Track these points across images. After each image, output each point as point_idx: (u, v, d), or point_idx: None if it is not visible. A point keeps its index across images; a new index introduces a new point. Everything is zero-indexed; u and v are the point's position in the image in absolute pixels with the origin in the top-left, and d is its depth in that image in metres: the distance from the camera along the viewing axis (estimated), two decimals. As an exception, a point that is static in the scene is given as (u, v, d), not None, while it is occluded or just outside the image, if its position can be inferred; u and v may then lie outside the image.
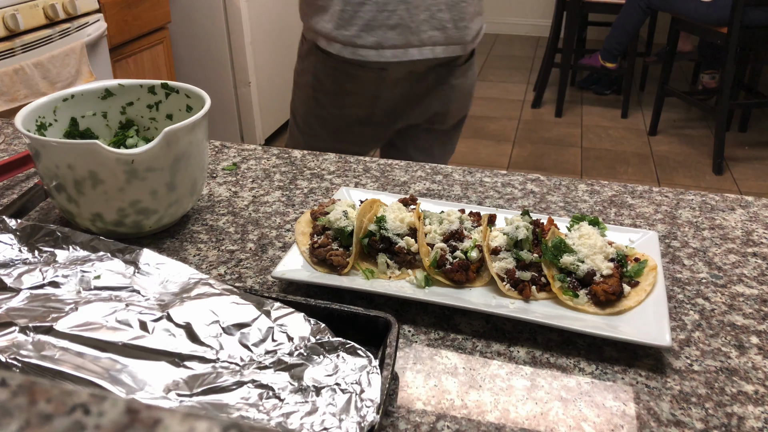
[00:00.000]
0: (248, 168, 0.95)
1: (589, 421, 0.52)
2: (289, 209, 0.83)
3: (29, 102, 0.82)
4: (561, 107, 3.81)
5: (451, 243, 0.68)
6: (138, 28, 2.57)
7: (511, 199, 0.86)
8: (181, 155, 0.72)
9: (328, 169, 0.94)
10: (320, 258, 0.68)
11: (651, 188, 0.89)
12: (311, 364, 0.50)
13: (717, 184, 3.07)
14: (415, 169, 0.95)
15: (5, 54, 1.92)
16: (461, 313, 0.64)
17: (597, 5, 3.72)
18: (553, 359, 0.58)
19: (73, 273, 0.60)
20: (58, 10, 2.10)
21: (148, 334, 0.53)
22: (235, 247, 0.75)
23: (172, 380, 0.49)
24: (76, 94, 0.82)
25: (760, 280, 0.70)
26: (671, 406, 0.53)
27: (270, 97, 3.37)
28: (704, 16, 3.05)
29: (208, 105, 0.76)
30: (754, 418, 0.52)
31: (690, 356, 0.59)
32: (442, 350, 0.59)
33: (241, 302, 0.55)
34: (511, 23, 5.58)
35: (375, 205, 0.72)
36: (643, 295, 0.63)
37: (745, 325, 0.63)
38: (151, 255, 0.62)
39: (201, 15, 3.02)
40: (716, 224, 0.81)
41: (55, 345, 0.51)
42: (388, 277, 0.67)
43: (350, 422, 0.46)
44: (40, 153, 0.70)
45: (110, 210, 0.71)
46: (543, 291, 0.65)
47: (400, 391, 0.55)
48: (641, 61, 4.18)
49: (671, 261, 0.73)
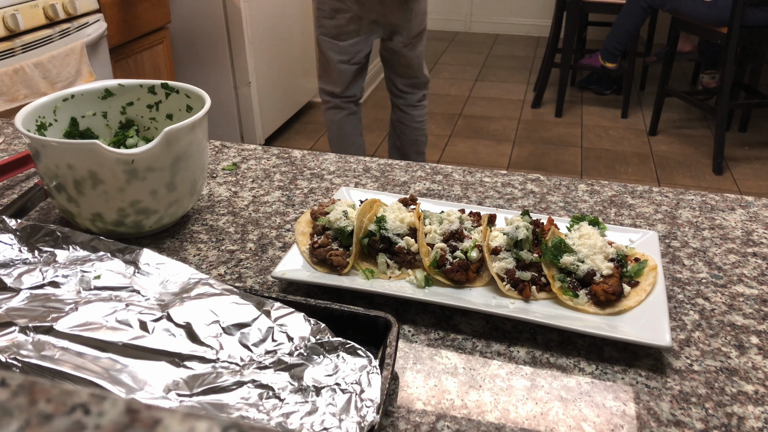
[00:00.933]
0: (248, 168, 0.95)
1: (589, 421, 0.52)
2: (289, 209, 0.83)
3: (29, 102, 0.82)
4: (561, 107, 3.81)
5: (451, 243, 0.68)
6: (138, 28, 2.57)
7: (511, 199, 0.86)
8: (181, 155, 0.72)
9: (328, 169, 0.94)
10: (320, 258, 0.68)
11: (651, 188, 0.89)
12: (311, 364, 0.50)
13: (717, 184, 3.07)
14: (415, 169, 0.95)
15: (5, 54, 1.92)
16: (461, 313, 0.64)
17: (597, 5, 3.72)
18: (553, 359, 0.58)
19: (73, 273, 0.60)
20: (58, 10, 2.10)
21: (148, 334, 0.53)
22: (235, 247, 0.75)
23: (172, 380, 0.49)
24: (76, 94, 0.82)
25: (760, 280, 0.70)
26: (671, 406, 0.53)
27: (270, 97, 3.37)
28: (704, 15, 3.05)
29: (208, 105, 0.76)
30: (754, 418, 0.52)
31: (690, 356, 0.59)
32: (442, 350, 0.59)
33: (241, 302, 0.55)
34: (511, 23, 5.58)
35: (375, 205, 0.72)
36: (643, 295, 0.63)
37: (745, 325, 0.63)
38: (151, 255, 0.62)
39: (201, 15, 3.02)
40: (716, 224, 0.81)
41: (55, 345, 0.51)
42: (388, 277, 0.67)
43: (350, 422, 0.46)
44: (40, 153, 0.70)
45: (110, 210, 0.71)
46: (543, 291, 0.65)
47: (400, 391, 0.55)
48: (641, 61, 4.18)
49: (671, 261, 0.73)
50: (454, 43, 5.34)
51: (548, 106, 3.94)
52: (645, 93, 4.18)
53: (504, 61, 4.88)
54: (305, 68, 3.77)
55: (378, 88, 4.26)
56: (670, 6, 3.27)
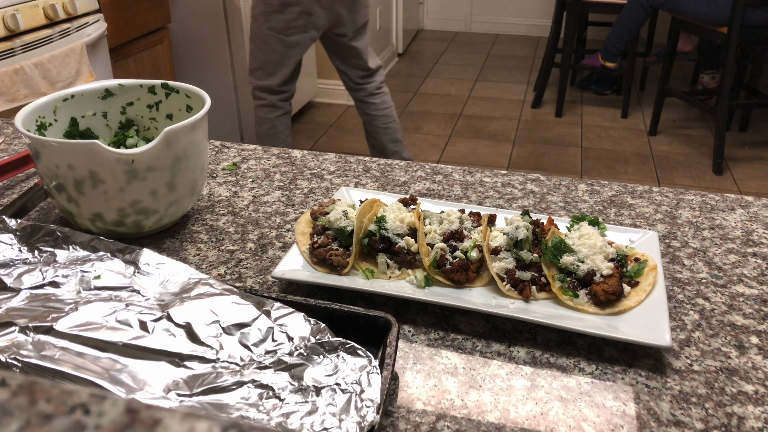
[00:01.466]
0: (248, 168, 0.95)
1: (589, 421, 0.52)
2: (289, 209, 0.83)
3: (29, 102, 0.82)
4: (561, 107, 3.81)
5: (451, 243, 0.68)
6: (138, 28, 2.57)
7: (511, 199, 0.86)
8: (181, 155, 0.72)
9: (328, 169, 0.94)
10: (320, 258, 0.68)
11: (651, 188, 0.89)
12: (311, 364, 0.50)
13: (717, 184, 3.07)
14: (415, 169, 0.95)
15: (5, 54, 1.92)
16: (461, 313, 0.64)
17: (597, 5, 3.72)
18: (553, 359, 0.58)
19: (73, 273, 0.60)
20: (58, 10, 2.10)
21: (148, 334, 0.53)
22: (235, 247, 0.75)
23: (172, 380, 0.49)
24: (76, 94, 0.82)
25: (760, 280, 0.70)
26: (671, 406, 0.53)
27: (270, 97, 3.36)
28: (704, 14, 3.05)
29: (208, 105, 0.76)
30: (754, 418, 0.52)
31: (690, 356, 0.59)
32: (442, 350, 0.59)
33: (241, 302, 0.55)
34: (511, 23, 5.58)
35: (375, 205, 0.72)
36: (643, 295, 0.63)
37: (745, 325, 0.63)
38: (151, 255, 0.62)
39: (201, 15, 3.02)
40: (716, 224, 0.81)
41: (55, 345, 0.51)
42: (388, 277, 0.67)
43: (350, 422, 0.46)
44: (40, 153, 0.70)
45: (110, 210, 0.71)
46: (543, 291, 0.65)
47: (400, 391, 0.55)
48: (641, 61, 4.18)
49: (671, 261, 0.73)
50: (454, 43, 5.34)
51: (548, 106, 3.94)
52: (645, 93, 4.18)
53: (504, 61, 4.88)
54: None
55: (378, 88, 4.26)
56: (670, 5, 3.27)
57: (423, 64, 4.79)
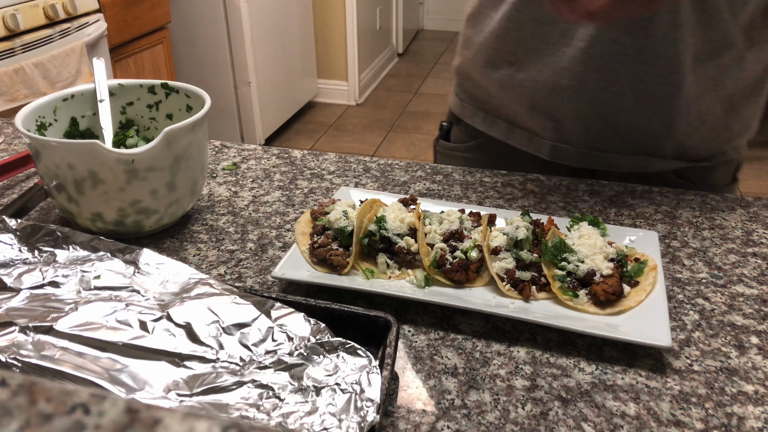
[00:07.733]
0: (248, 168, 0.95)
1: (589, 421, 0.52)
2: (289, 209, 0.83)
3: (29, 102, 0.82)
4: (561, 107, 3.80)
5: (451, 243, 0.68)
6: (138, 28, 2.57)
7: (511, 199, 0.86)
8: (181, 155, 0.72)
9: (328, 169, 0.94)
10: (320, 258, 0.68)
11: (651, 188, 0.89)
12: (311, 364, 0.50)
13: (717, 184, 3.06)
14: (415, 169, 0.95)
15: (5, 54, 1.92)
16: (461, 313, 0.64)
17: (597, 5, 3.72)
18: (553, 359, 0.58)
19: (73, 273, 0.60)
20: (58, 10, 2.10)
21: (148, 334, 0.53)
22: (235, 247, 0.75)
23: (172, 380, 0.49)
24: (76, 94, 0.82)
25: (760, 280, 0.70)
26: (671, 406, 0.53)
27: (270, 97, 3.37)
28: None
29: (208, 105, 0.76)
30: (754, 418, 0.52)
31: (690, 356, 0.59)
32: (442, 350, 0.59)
33: (241, 302, 0.55)
34: (511, 23, 5.57)
35: (375, 205, 0.72)
36: (643, 295, 0.63)
37: (745, 325, 0.63)
38: (151, 255, 0.62)
39: (201, 15, 3.02)
40: (716, 224, 0.81)
41: (55, 345, 0.51)
42: (388, 277, 0.67)
43: (350, 422, 0.46)
44: (40, 153, 0.70)
45: (110, 210, 0.71)
46: (543, 291, 0.65)
47: (400, 391, 0.55)
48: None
49: (671, 261, 0.73)
50: (454, 43, 5.33)
51: (548, 106, 3.93)
52: (645, 93, 4.17)
53: (504, 61, 4.87)
54: (305, 68, 3.77)
55: (378, 88, 4.26)
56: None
57: (423, 64, 4.79)
